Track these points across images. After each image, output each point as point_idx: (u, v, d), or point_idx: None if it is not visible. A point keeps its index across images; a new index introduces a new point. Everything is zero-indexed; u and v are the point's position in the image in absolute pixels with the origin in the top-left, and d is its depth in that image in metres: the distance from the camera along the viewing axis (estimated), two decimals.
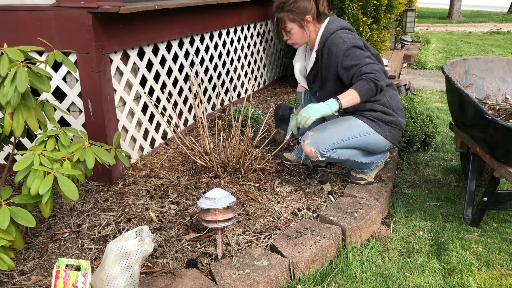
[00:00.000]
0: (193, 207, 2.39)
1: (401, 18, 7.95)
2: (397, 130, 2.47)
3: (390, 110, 2.43)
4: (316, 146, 2.36)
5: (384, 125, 2.42)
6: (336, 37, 2.34)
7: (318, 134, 2.37)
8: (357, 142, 2.40)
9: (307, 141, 2.37)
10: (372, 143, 2.44)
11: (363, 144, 2.43)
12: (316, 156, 2.38)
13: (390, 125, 2.43)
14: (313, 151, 2.36)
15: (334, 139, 2.36)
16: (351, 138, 2.38)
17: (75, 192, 1.68)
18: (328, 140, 2.36)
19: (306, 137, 2.38)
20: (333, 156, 2.39)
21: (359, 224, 2.22)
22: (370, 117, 2.41)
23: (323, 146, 2.36)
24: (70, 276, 1.57)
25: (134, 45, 2.77)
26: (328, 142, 2.36)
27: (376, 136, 2.42)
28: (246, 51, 4.56)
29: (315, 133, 2.38)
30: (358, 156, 2.48)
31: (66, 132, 1.94)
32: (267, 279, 1.82)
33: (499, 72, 2.73)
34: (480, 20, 16.96)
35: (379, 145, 2.46)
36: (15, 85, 1.71)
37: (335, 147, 2.37)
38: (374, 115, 2.41)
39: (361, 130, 2.40)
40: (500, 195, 2.28)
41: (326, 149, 2.36)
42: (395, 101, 2.46)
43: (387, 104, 2.42)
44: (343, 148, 2.40)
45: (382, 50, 4.74)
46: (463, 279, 1.99)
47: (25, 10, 2.43)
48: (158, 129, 3.20)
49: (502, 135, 2.05)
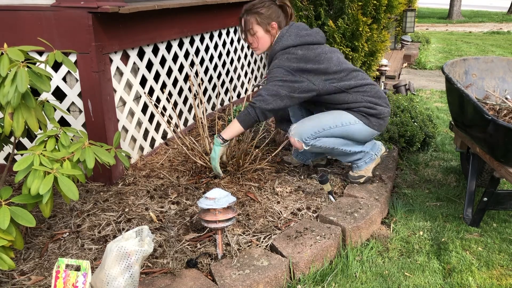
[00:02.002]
0: (193, 207, 2.39)
1: (401, 18, 7.95)
2: (383, 119, 2.49)
3: (369, 104, 2.44)
4: (300, 136, 2.41)
5: (371, 117, 2.45)
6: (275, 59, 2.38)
7: (301, 125, 2.43)
8: (340, 131, 2.43)
9: (291, 132, 2.44)
10: (357, 132, 2.45)
11: (347, 134, 2.45)
12: (301, 146, 2.43)
13: (377, 117, 2.46)
14: (297, 141, 2.42)
15: (316, 128, 2.41)
16: (333, 127, 2.42)
17: (75, 192, 1.68)
18: (311, 129, 2.41)
19: (290, 130, 2.45)
20: (317, 144, 2.43)
21: (359, 224, 2.22)
22: (358, 110, 2.44)
23: (306, 135, 2.41)
24: (70, 276, 1.57)
25: (134, 45, 2.77)
26: (310, 131, 2.41)
27: (360, 125, 2.44)
28: (246, 51, 4.56)
29: (298, 124, 2.44)
30: (345, 145, 2.49)
31: (66, 132, 1.94)
32: (267, 279, 1.82)
33: (499, 72, 2.74)
34: (480, 20, 16.96)
35: (364, 134, 2.48)
36: (15, 85, 1.71)
37: (318, 135, 2.41)
38: (361, 110, 2.44)
39: (344, 119, 2.43)
40: (500, 195, 2.28)
41: (309, 138, 2.41)
42: (371, 94, 2.44)
43: (365, 101, 2.43)
44: (326, 137, 2.43)
45: (382, 50, 4.73)
46: (463, 279, 1.99)
47: (25, 10, 2.43)
48: (158, 129, 3.20)
49: (502, 135, 2.05)
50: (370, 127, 2.46)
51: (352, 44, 4.36)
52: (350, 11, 4.26)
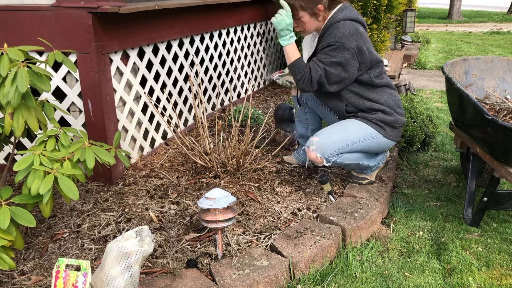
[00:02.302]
0: (193, 207, 2.39)
1: (401, 18, 7.95)
2: (398, 128, 2.47)
3: (389, 109, 2.41)
4: (322, 152, 2.33)
5: (387, 126, 2.41)
6: (336, 26, 2.27)
7: (323, 140, 2.34)
8: (361, 146, 2.39)
9: (312, 147, 2.34)
10: (376, 145, 2.43)
11: (368, 147, 2.42)
12: (322, 162, 2.36)
13: (392, 126, 2.42)
14: (319, 157, 2.34)
15: (339, 144, 2.34)
16: (356, 142, 2.37)
17: (75, 192, 1.68)
18: (333, 145, 2.34)
19: (311, 144, 2.35)
20: (339, 161, 2.39)
21: (359, 224, 2.22)
22: (373, 120, 2.39)
23: (329, 152, 2.34)
24: (70, 276, 1.57)
25: (134, 45, 2.77)
26: (333, 148, 2.34)
27: (380, 139, 2.41)
28: (246, 51, 4.56)
29: (320, 139, 2.35)
30: (362, 159, 2.47)
31: (66, 132, 1.94)
32: (267, 279, 1.82)
33: (499, 72, 2.74)
34: (480, 20, 16.96)
35: (383, 146, 2.46)
36: (16, 85, 1.71)
37: (341, 152, 2.36)
38: (376, 117, 2.39)
39: (365, 134, 2.38)
40: (500, 195, 2.28)
41: (332, 155, 2.34)
42: (393, 100, 2.44)
43: (385, 104, 2.41)
44: (348, 153, 2.39)
45: (382, 50, 4.74)
46: (463, 279, 1.99)
47: (25, 10, 2.43)
48: (158, 129, 3.20)
49: (502, 135, 2.05)
50: (387, 139, 2.42)
51: None
52: None
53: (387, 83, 2.44)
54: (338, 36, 2.25)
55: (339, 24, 2.27)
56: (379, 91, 2.41)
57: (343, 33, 2.25)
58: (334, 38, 2.25)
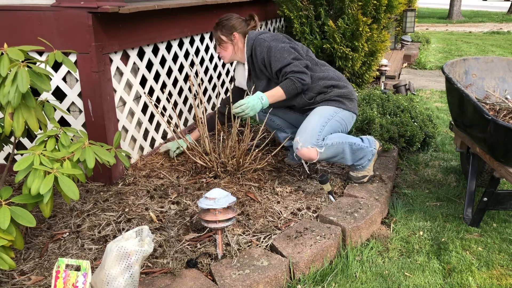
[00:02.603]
0: (193, 207, 2.39)
1: (401, 18, 7.95)
2: (354, 101, 2.65)
3: (341, 82, 2.62)
4: (309, 142, 2.40)
5: (344, 99, 2.59)
6: (258, 39, 2.59)
7: (303, 133, 2.45)
8: (333, 124, 2.52)
9: (299, 145, 2.42)
10: (342, 120, 2.56)
11: (338, 125, 2.54)
12: (315, 152, 2.41)
13: (349, 98, 2.61)
14: (309, 148, 2.40)
15: (316, 128, 2.46)
16: (328, 121, 2.50)
17: (75, 191, 1.68)
18: (313, 131, 2.44)
19: (297, 143, 2.44)
20: (328, 142, 2.45)
21: (359, 224, 2.22)
22: (332, 98, 2.57)
23: (314, 139, 2.42)
24: (70, 276, 1.57)
25: (134, 45, 2.77)
26: (314, 133, 2.44)
27: (343, 112, 2.57)
28: None
29: (300, 135, 2.45)
30: (349, 138, 2.54)
31: (66, 132, 1.94)
32: (267, 279, 1.82)
33: (499, 72, 2.74)
34: (480, 20, 16.97)
35: (347, 120, 2.60)
36: (16, 85, 1.71)
37: (322, 134, 2.46)
38: (333, 94, 2.58)
39: (330, 113, 2.53)
40: (500, 195, 2.28)
41: (317, 139, 2.43)
42: (339, 75, 2.67)
43: (335, 78, 2.62)
44: (329, 134, 2.49)
45: (382, 50, 4.74)
46: (463, 279, 2.00)
47: (25, 10, 2.43)
48: (158, 129, 3.20)
49: (502, 135, 2.05)
50: (348, 111, 2.59)
51: (352, 44, 4.36)
52: (350, 11, 4.26)
53: (322, 63, 2.70)
54: (267, 40, 2.57)
55: (257, 38, 2.60)
56: (324, 69, 2.64)
57: (266, 38, 2.58)
58: (266, 43, 2.56)
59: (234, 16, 2.73)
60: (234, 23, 2.68)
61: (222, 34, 2.67)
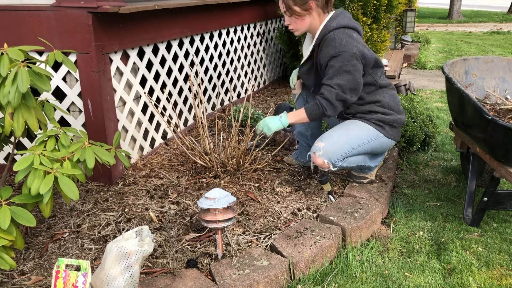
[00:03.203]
0: (193, 207, 2.39)
1: (401, 18, 7.95)
2: (398, 128, 2.48)
3: (388, 109, 2.42)
4: (328, 158, 2.33)
5: (386, 126, 2.42)
6: (331, 37, 2.26)
7: (329, 146, 2.33)
8: (365, 148, 2.40)
9: (318, 153, 2.34)
10: (379, 146, 2.44)
11: (371, 149, 2.44)
12: (328, 167, 2.36)
13: (391, 125, 2.43)
14: (326, 163, 2.34)
15: (345, 148, 2.34)
16: (361, 145, 2.37)
17: (75, 191, 1.68)
18: (340, 150, 2.34)
19: (317, 149, 2.34)
20: (345, 165, 2.39)
21: (359, 224, 2.22)
22: (373, 120, 2.40)
23: (335, 157, 2.34)
24: (70, 276, 1.57)
25: (134, 45, 2.77)
26: (339, 153, 2.34)
27: (381, 138, 2.42)
28: (246, 51, 4.56)
29: (326, 145, 2.33)
30: (366, 161, 2.49)
31: (66, 132, 1.94)
32: (267, 279, 1.82)
33: (499, 72, 2.73)
34: (480, 20, 16.96)
35: (384, 146, 2.48)
36: (16, 85, 1.71)
37: (346, 156, 2.36)
38: (375, 118, 2.40)
39: (368, 135, 2.38)
40: (500, 195, 2.28)
41: (338, 160, 2.35)
42: (394, 101, 2.46)
43: (386, 105, 2.42)
44: (353, 156, 2.40)
45: (382, 50, 4.74)
46: (463, 279, 1.99)
47: (25, 10, 2.43)
48: (158, 129, 3.20)
49: (502, 135, 2.05)
50: (388, 138, 2.44)
51: None
52: (350, 11, 4.26)
53: (388, 84, 2.47)
54: (337, 46, 2.23)
55: (333, 33, 2.26)
56: (381, 92, 2.42)
57: (341, 42, 2.23)
58: (334, 50, 2.24)
59: None
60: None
61: (296, 4, 2.27)
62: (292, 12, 2.30)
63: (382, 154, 2.61)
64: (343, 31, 2.26)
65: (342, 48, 2.22)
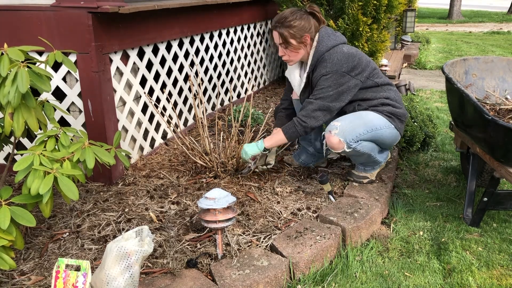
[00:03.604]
0: (193, 207, 2.39)
1: (401, 18, 7.95)
2: (403, 122, 2.56)
3: (397, 103, 2.51)
4: (344, 136, 2.36)
5: (396, 119, 2.49)
6: (324, 59, 2.38)
7: (346, 125, 2.37)
8: (379, 134, 2.44)
9: (334, 131, 2.36)
10: (390, 136, 2.49)
11: (383, 137, 2.47)
12: (342, 147, 2.38)
13: (400, 118, 2.51)
14: (341, 141, 2.36)
15: (361, 129, 2.39)
16: (375, 130, 2.42)
17: (75, 192, 1.68)
18: (356, 130, 2.38)
19: (334, 128, 2.37)
20: (358, 147, 2.41)
21: (359, 224, 2.22)
22: (384, 112, 2.47)
23: (351, 137, 2.36)
24: (70, 276, 1.57)
25: (134, 45, 2.77)
26: (355, 133, 2.37)
27: (392, 129, 2.48)
28: (246, 51, 4.56)
29: (343, 124, 2.38)
30: (375, 151, 2.52)
31: (66, 132, 1.94)
32: (267, 279, 1.82)
33: (499, 72, 2.73)
34: (480, 20, 16.96)
35: (393, 138, 2.53)
36: (16, 85, 1.71)
37: (361, 138, 2.39)
38: (387, 110, 2.47)
39: (382, 122, 2.45)
40: (500, 195, 2.28)
41: (353, 140, 2.38)
42: (398, 96, 2.56)
43: (393, 99, 2.51)
44: (366, 141, 2.43)
45: (382, 50, 4.73)
46: (463, 279, 1.99)
47: (25, 10, 2.43)
48: (158, 129, 3.20)
49: (502, 135, 2.05)
50: (397, 131, 2.50)
51: (352, 44, 4.36)
52: (350, 11, 4.26)
53: (388, 82, 2.55)
54: (328, 66, 2.35)
55: (325, 55, 2.37)
56: (385, 89, 2.51)
57: (332, 61, 2.35)
58: (325, 69, 2.36)
59: (303, 13, 2.40)
60: (305, 23, 2.37)
61: (292, 38, 2.37)
62: (288, 44, 2.41)
63: (387, 150, 2.66)
64: (333, 52, 2.38)
65: (333, 68, 2.35)
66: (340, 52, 2.37)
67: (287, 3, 4.55)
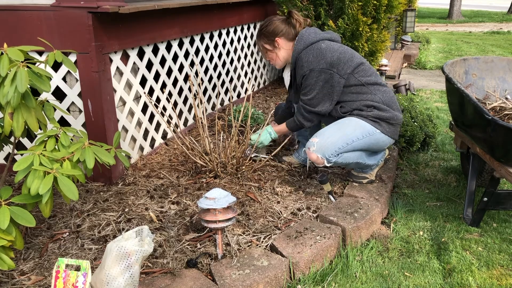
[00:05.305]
0: (193, 207, 2.39)
1: (401, 18, 7.95)
2: (395, 125, 2.48)
3: (383, 105, 2.43)
4: (322, 153, 2.35)
5: (383, 122, 2.43)
6: (300, 59, 2.46)
7: (323, 141, 2.36)
8: (361, 144, 2.40)
9: (312, 148, 2.36)
10: (375, 142, 2.44)
11: (367, 145, 2.43)
12: (323, 163, 2.37)
13: (389, 122, 2.44)
14: (320, 158, 2.36)
15: (339, 143, 2.36)
16: (355, 140, 2.38)
17: (75, 192, 1.68)
18: (334, 145, 2.35)
19: (311, 145, 2.37)
20: (339, 161, 2.40)
21: (359, 224, 2.22)
22: (369, 117, 2.41)
23: (329, 152, 2.35)
24: (70, 276, 1.57)
25: (134, 45, 2.77)
26: (333, 148, 2.35)
27: (378, 135, 2.42)
28: (246, 51, 4.56)
29: (320, 140, 2.37)
30: (363, 158, 2.48)
31: (66, 132, 1.93)
32: (267, 279, 1.82)
33: (499, 72, 2.73)
34: (480, 20, 16.96)
35: (381, 144, 2.47)
36: (15, 85, 1.71)
37: (341, 151, 2.37)
38: (372, 114, 2.41)
39: (363, 131, 2.39)
40: (500, 195, 2.28)
41: (332, 155, 2.36)
42: (388, 97, 2.48)
43: (380, 101, 2.44)
44: (348, 152, 2.40)
45: (382, 50, 4.73)
46: (463, 279, 1.99)
47: (25, 10, 2.43)
48: (158, 129, 3.20)
49: (502, 135, 2.05)
50: (385, 135, 2.44)
51: (352, 44, 4.36)
52: (350, 11, 4.26)
53: (377, 81, 2.49)
54: (305, 65, 2.43)
55: (301, 55, 2.46)
56: (372, 89, 2.45)
57: (307, 60, 2.42)
58: (303, 69, 2.45)
59: (274, 19, 2.57)
60: (273, 28, 2.53)
61: (265, 43, 2.59)
62: (265, 49, 2.62)
63: (380, 152, 2.61)
64: (309, 49, 2.44)
65: (309, 66, 2.42)
66: (317, 49, 2.42)
67: (286, 3, 4.55)
